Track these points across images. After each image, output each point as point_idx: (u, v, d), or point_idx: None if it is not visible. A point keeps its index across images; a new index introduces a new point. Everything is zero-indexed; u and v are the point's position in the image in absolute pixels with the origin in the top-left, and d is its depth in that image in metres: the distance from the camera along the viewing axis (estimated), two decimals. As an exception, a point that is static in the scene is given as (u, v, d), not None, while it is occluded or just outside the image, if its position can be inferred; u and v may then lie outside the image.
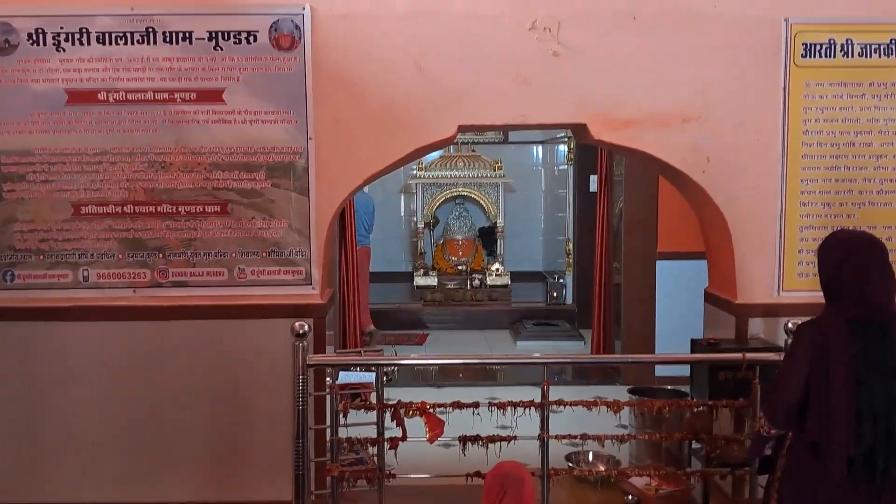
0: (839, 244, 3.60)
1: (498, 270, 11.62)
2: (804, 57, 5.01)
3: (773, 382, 3.68)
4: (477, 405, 4.67)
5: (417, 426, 4.74)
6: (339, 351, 6.55)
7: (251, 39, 4.73)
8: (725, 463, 4.76)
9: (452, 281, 11.68)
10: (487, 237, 11.97)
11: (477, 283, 11.55)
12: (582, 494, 5.32)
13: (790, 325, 4.55)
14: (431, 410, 4.62)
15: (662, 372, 7.75)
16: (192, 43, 4.75)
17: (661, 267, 7.87)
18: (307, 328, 4.51)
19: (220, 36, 4.73)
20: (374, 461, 4.83)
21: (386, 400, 4.79)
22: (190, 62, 4.76)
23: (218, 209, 4.88)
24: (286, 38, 4.73)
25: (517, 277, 11.86)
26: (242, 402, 5.02)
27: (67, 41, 4.77)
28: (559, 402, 4.68)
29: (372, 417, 4.82)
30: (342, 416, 4.77)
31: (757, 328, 5.16)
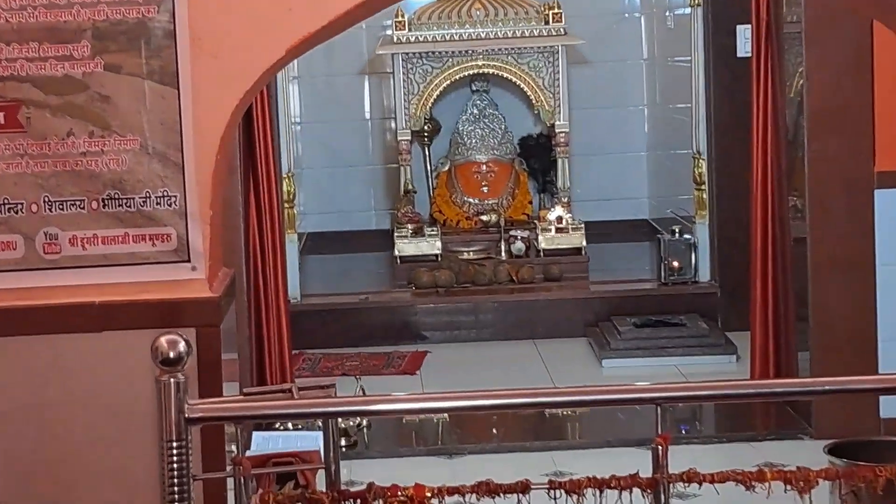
0: None
1: (560, 221, 8.08)
2: None
3: None
4: (527, 488, 3.59)
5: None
6: (248, 391, 4.77)
7: None
8: None
9: (471, 245, 8.16)
10: (537, 156, 8.51)
11: (519, 246, 8.04)
12: None
13: None
14: (437, 502, 3.66)
15: (892, 410, 6.24)
16: None
17: (883, 201, 6.23)
18: (184, 348, 3.46)
19: None
20: None
21: (346, 485, 3.87)
22: None
23: (1, 119, 3.93)
24: None
25: (598, 234, 8.38)
26: (56, 491, 4.07)
27: None
28: (690, 475, 3.60)
29: (318, 523, 3.91)
30: (259, 520, 3.87)
31: None
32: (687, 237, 7.82)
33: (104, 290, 3.78)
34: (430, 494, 3.55)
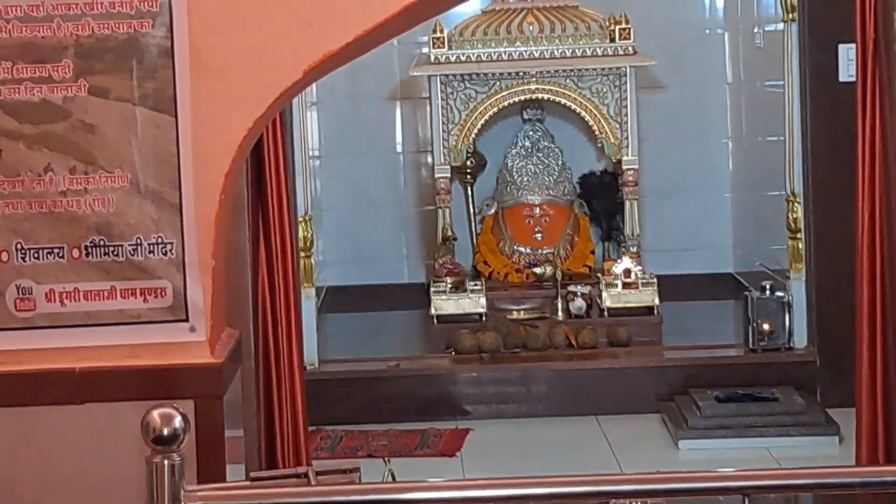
0: None
1: (628, 275, 7.69)
2: None
3: None
4: None
5: None
6: (256, 475, 4.43)
7: None
8: None
9: (522, 303, 7.77)
10: (601, 198, 8.03)
11: (579, 305, 7.62)
12: None
13: None
14: None
15: None
16: None
17: None
18: (180, 424, 3.27)
19: None
20: None
21: None
22: None
23: (-32, 151, 4.10)
24: None
25: (673, 291, 7.96)
26: None
27: None
28: None
29: None
30: None
31: None
32: (779, 295, 7.30)
33: (86, 354, 3.74)
34: None
